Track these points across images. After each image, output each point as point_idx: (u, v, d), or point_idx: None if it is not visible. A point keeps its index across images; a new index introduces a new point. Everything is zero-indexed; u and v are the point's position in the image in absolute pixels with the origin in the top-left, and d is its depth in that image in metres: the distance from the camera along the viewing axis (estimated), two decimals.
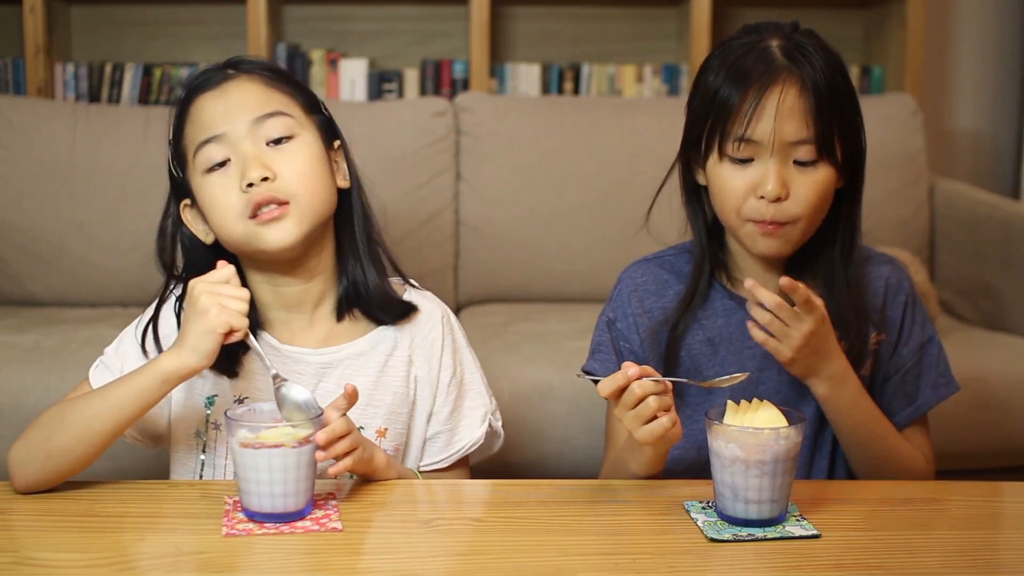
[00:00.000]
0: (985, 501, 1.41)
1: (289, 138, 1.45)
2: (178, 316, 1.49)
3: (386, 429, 1.52)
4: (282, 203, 1.42)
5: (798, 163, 1.45)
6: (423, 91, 3.31)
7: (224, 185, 1.43)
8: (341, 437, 1.32)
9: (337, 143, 1.53)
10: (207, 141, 1.43)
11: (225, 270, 1.36)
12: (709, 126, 1.47)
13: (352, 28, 3.38)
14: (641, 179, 2.78)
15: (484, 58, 3.19)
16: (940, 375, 1.56)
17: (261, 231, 1.42)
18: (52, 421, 1.37)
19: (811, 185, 1.45)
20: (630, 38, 3.42)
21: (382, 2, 3.38)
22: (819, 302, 1.40)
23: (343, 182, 1.51)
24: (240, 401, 1.48)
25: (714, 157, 1.48)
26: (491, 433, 1.58)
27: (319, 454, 1.30)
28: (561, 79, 3.34)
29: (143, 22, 3.33)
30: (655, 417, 1.32)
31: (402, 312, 1.53)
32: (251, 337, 1.37)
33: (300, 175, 1.43)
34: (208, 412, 1.49)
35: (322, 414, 1.31)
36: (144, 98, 3.23)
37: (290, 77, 1.52)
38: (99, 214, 2.68)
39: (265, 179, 1.41)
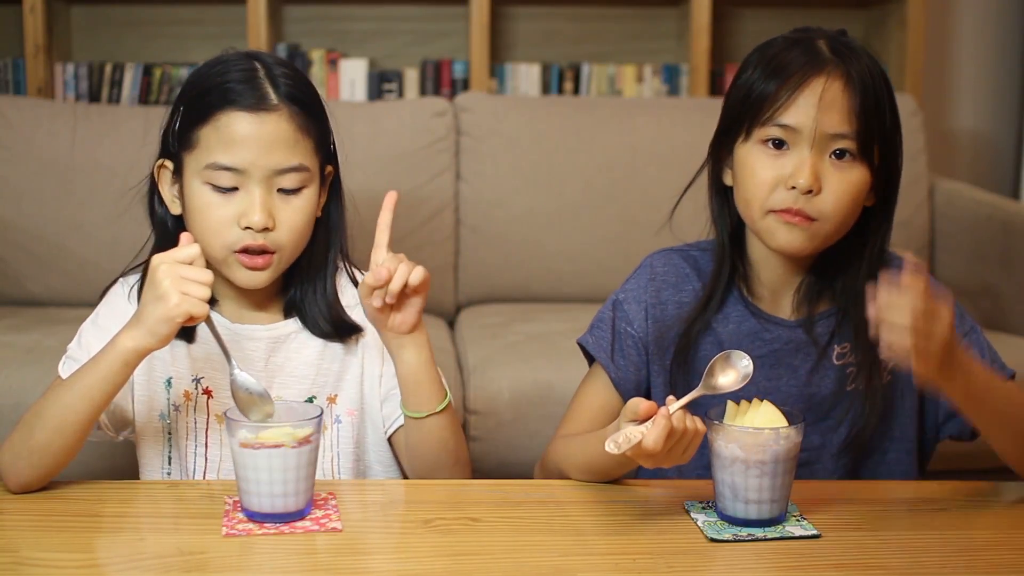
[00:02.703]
0: (985, 501, 1.41)
1: (299, 190, 1.46)
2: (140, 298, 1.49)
3: (336, 395, 1.54)
4: (271, 252, 1.44)
5: (834, 157, 1.41)
6: (423, 91, 3.31)
7: (222, 206, 1.44)
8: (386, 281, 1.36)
9: (328, 170, 1.53)
10: (225, 167, 1.43)
11: (190, 249, 1.33)
12: (744, 112, 1.43)
13: (352, 28, 3.38)
14: (641, 179, 2.79)
15: (484, 58, 3.19)
16: (992, 361, 1.51)
17: (238, 269, 1.45)
18: (30, 419, 1.38)
19: (845, 184, 1.41)
20: (630, 38, 3.42)
21: (382, 2, 3.38)
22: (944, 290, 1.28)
23: (318, 213, 1.52)
24: (197, 381, 1.49)
25: (746, 143, 1.43)
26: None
27: (376, 301, 1.36)
28: (561, 79, 3.34)
29: (143, 22, 3.33)
30: None
31: (343, 334, 1.53)
32: (212, 322, 1.36)
33: (294, 231, 1.46)
34: (168, 394, 1.49)
35: (321, 414, 1.31)
36: (144, 98, 3.23)
37: (316, 109, 1.49)
38: (99, 214, 2.68)
39: (265, 229, 1.43)
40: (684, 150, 2.80)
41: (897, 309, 1.23)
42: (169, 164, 1.50)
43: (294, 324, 1.53)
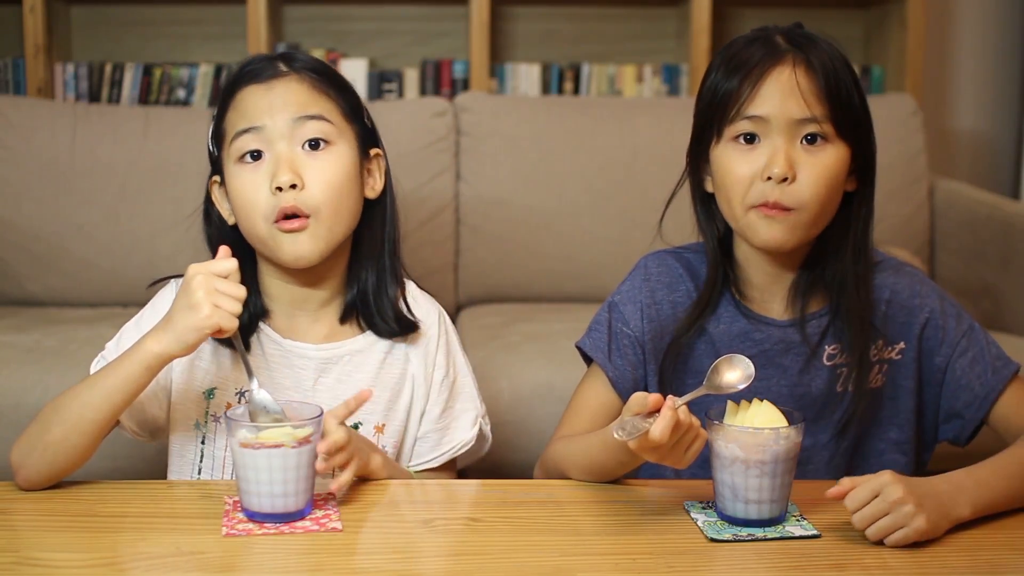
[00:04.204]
0: None
1: (326, 143, 1.46)
2: None
3: (384, 425, 1.53)
4: (304, 216, 1.44)
5: (806, 143, 1.42)
6: (423, 91, 3.31)
7: (254, 181, 1.44)
8: (340, 448, 1.32)
9: (374, 151, 1.54)
10: (245, 131, 1.44)
11: (227, 263, 1.34)
12: (712, 115, 1.45)
13: (352, 28, 3.38)
14: (641, 179, 2.79)
15: (484, 58, 3.19)
16: (996, 358, 1.51)
17: (281, 239, 1.44)
18: (48, 415, 1.37)
19: (819, 168, 1.41)
20: (630, 38, 3.43)
21: (382, 2, 3.38)
22: (885, 475, 1.28)
23: (371, 193, 1.53)
24: (241, 394, 1.50)
25: (719, 144, 1.45)
26: (480, 436, 1.59)
27: (319, 464, 1.30)
28: (561, 79, 3.34)
29: (143, 22, 3.33)
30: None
31: (403, 329, 1.53)
32: (238, 339, 1.36)
33: (327, 187, 1.44)
34: (208, 404, 1.50)
35: (322, 414, 1.32)
36: (144, 98, 3.23)
37: (337, 80, 1.52)
38: (99, 214, 2.68)
39: (293, 186, 1.42)
40: (684, 150, 2.80)
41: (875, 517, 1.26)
42: (218, 178, 1.51)
43: (349, 346, 1.53)
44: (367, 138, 1.53)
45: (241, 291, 1.33)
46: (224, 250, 1.36)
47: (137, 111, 2.84)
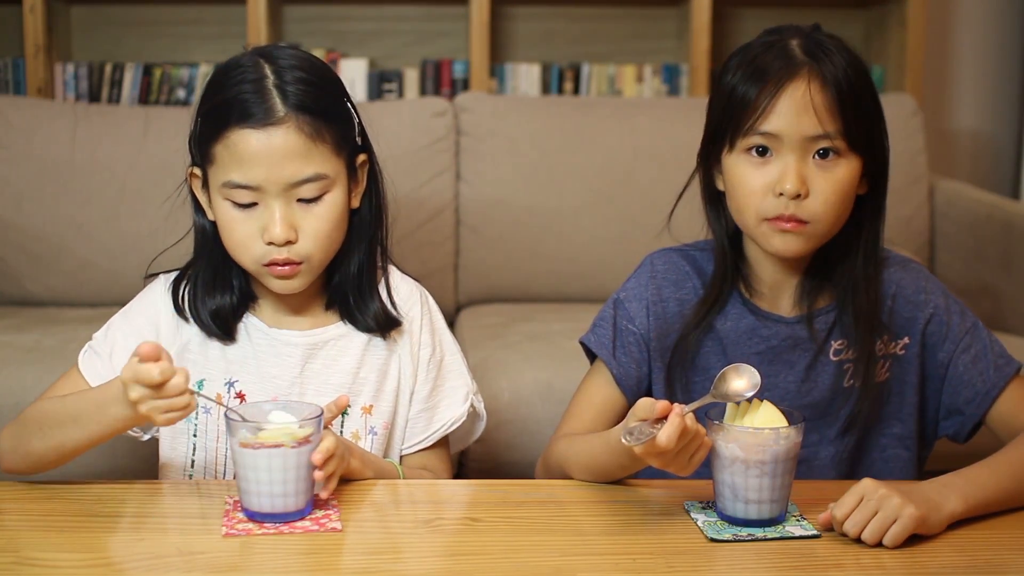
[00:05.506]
0: None
1: (320, 197, 1.44)
2: (173, 296, 1.51)
3: (371, 406, 1.53)
4: (296, 263, 1.44)
5: (818, 157, 1.41)
6: (423, 91, 3.31)
7: (244, 221, 1.43)
8: (332, 455, 1.32)
9: (360, 160, 1.52)
10: (240, 186, 1.42)
11: (154, 371, 1.23)
12: (726, 122, 1.44)
13: (352, 28, 3.38)
14: (641, 179, 2.79)
15: (484, 58, 3.19)
16: (998, 356, 1.52)
17: (271, 280, 1.46)
18: (31, 427, 1.39)
19: (832, 183, 1.42)
20: (630, 38, 3.43)
21: (382, 2, 3.38)
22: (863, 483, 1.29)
23: (355, 202, 1.51)
24: (230, 384, 1.50)
25: (731, 153, 1.45)
26: (473, 415, 1.59)
27: (316, 475, 1.30)
28: (561, 79, 3.34)
29: (143, 22, 3.33)
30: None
31: (382, 327, 1.53)
32: (200, 397, 1.32)
33: (319, 237, 1.44)
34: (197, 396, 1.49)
35: (322, 414, 1.32)
36: (144, 98, 3.23)
37: (328, 104, 1.46)
38: (99, 214, 2.68)
39: (288, 242, 1.42)
40: (684, 150, 2.78)
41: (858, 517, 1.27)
42: (198, 172, 1.49)
43: (333, 331, 1.53)
44: (355, 152, 1.50)
45: (183, 400, 1.25)
46: (147, 349, 1.24)
47: (137, 111, 2.84)
